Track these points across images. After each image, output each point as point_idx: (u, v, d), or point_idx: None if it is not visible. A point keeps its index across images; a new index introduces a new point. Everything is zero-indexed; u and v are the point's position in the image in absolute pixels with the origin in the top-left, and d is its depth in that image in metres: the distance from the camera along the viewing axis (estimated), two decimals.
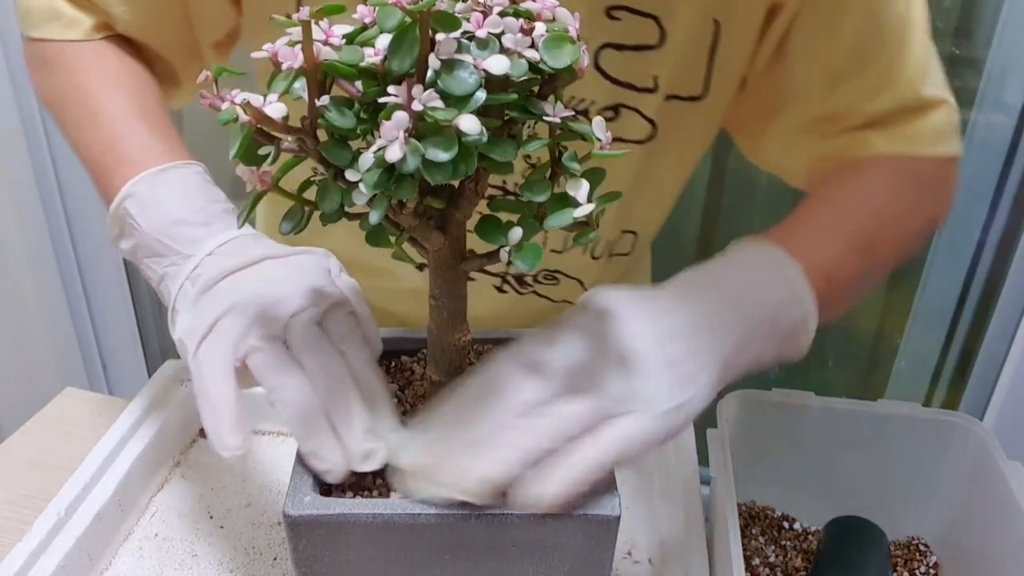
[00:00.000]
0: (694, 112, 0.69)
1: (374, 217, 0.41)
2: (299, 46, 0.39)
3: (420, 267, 0.76)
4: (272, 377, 0.49)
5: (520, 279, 0.78)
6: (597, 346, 0.47)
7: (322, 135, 0.41)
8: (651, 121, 0.68)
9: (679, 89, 0.67)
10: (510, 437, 0.45)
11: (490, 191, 0.46)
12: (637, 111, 0.68)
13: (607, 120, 0.67)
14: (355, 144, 0.41)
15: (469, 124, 0.38)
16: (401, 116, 0.38)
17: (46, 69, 0.70)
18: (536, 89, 0.43)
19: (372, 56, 0.40)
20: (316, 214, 0.45)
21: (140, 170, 0.60)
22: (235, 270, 0.54)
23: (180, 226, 0.57)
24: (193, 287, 0.54)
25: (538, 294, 0.80)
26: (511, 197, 0.47)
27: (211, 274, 0.54)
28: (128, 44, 0.71)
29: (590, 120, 0.43)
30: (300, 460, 0.48)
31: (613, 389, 0.45)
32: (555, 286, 0.79)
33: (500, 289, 0.79)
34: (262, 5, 0.68)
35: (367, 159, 0.39)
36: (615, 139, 0.67)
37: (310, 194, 0.44)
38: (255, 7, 0.69)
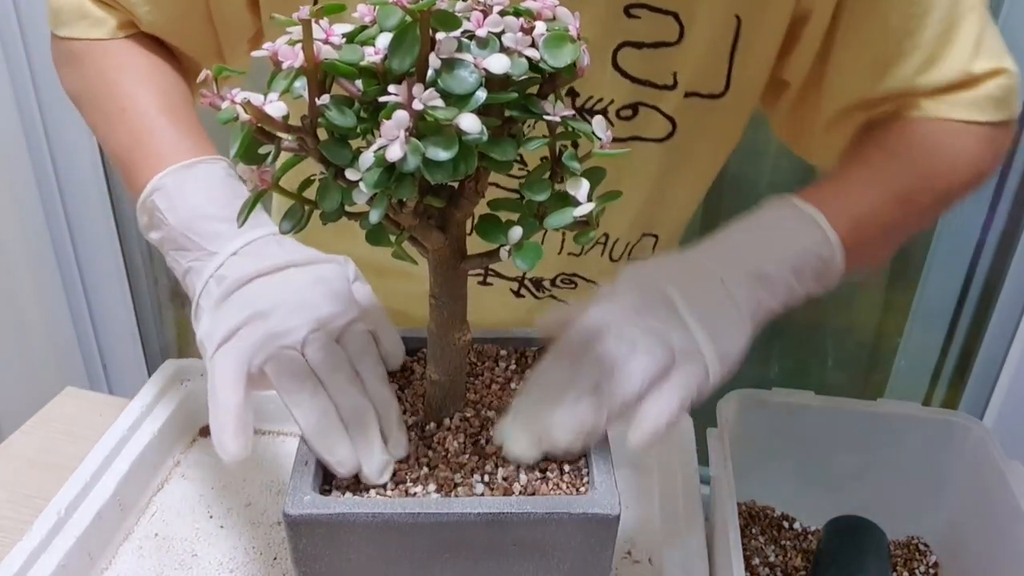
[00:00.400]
0: (715, 111, 0.69)
1: (374, 216, 0.41)
2: (299, 45, 0.39)
3: None
4: (288, 382, 0.50)
5: (537, 283, 0.78)
6: (647, 307, 0.53)
7: (322, 134, 0.41)
8: (670, 119, 0.68)
9: (699, 86, 0.67)
10: (607, 390, 0.49)
11: (496, 191, 0.46)
12: (656, 109, 0.67)
13: (625, 119, 0.67)
14: (355, 143, 0.41)
15: (469, 123, 0.38)
16: (401, 115, 0.38)
17: (74, 66, 0.71)
18: (537, 88, 0.43)
19: (372, 55, 0.40)
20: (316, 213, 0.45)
21: (166, 164, 0.61)
22: (258, 275, 0.55)
23: (204, 221, 0.58)
24: (217, 288, 0.55)
25: (556, 298, 0.79)
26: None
27: (235, 277, 0.55)
28: (154, 41, 0.72)
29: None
30: (301, 459, 0.48)
31: (673, 341, 0.51)
32: (573, 290, 0.79)
33: (517, 293, 0.78)
34: (279, 9, 0.68)
35: (367, 158, 0.39)
36: (634, 138, 0.68)
37: (310, 193, 0.44)
38: (272, 10, 0.69)
